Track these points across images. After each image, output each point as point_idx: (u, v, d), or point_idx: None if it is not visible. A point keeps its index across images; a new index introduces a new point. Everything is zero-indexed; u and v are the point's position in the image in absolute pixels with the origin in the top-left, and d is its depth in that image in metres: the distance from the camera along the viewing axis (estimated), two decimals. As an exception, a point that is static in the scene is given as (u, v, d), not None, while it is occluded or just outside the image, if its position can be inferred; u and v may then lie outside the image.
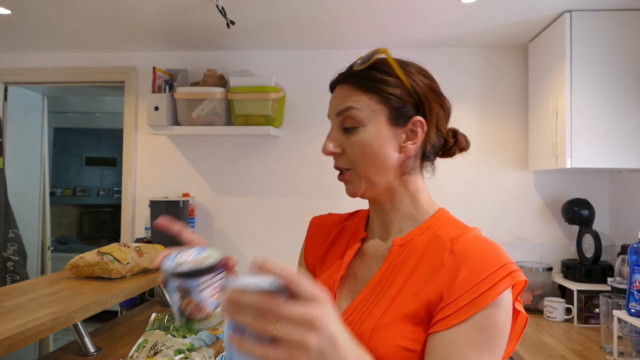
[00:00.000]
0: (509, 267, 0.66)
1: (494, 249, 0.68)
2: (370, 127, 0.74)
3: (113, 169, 6.14)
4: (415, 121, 0.76)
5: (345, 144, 0.76)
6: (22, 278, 2.51)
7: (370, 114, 0.74)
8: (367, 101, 0.75)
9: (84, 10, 1.98)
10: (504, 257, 0.67)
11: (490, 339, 0.63)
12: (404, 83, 0.75)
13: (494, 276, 0.65)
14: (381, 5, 1.88)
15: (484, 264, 0.66)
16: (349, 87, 0.77)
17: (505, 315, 0.65)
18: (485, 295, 0.64)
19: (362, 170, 0.75)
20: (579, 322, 1.97)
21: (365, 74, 0.76)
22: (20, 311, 1.21)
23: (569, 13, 1.91)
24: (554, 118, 2.00)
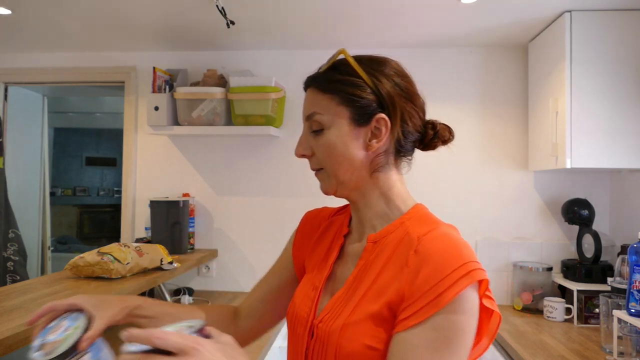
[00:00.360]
0: (468, 265, 0.65)
1: (455, 248, 0.67)
2: (333, 129, 0.77)
3: (113, 169, 6.14)
4: (378, 119, 0.76)
5: (314, 146, 0.79)
6: (22, 278, 2.51)
7: (332, 115, 0.77)
8: (329, 103, 0.77)
9: (84, 10, 1.98)
10: (465, 256, 0.66)
11: (449, 339, 0.63)
12: (365, 82, 0.76)
13: (452, 276, 0.64)
14: (381, 6, 1.88)
15: (443, 263, 0.66)
16: (314, 90, 0.80)
17: (466, 315, 0.65)
18: (443, 296, 0.64)
19: (332, 170, 0.78)
20: (579, 322, 1.97)
21: (327, 76, 0.79)
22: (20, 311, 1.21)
23: (569, 13, 1.91)
24: (554, 118, 2.00)
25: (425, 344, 0.63)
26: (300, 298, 0.81)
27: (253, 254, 2.49)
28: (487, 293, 0.68)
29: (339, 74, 0.77)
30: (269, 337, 1.85)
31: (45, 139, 3.27)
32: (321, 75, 0.80)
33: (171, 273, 1.88)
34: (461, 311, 0.64)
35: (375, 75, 0.77)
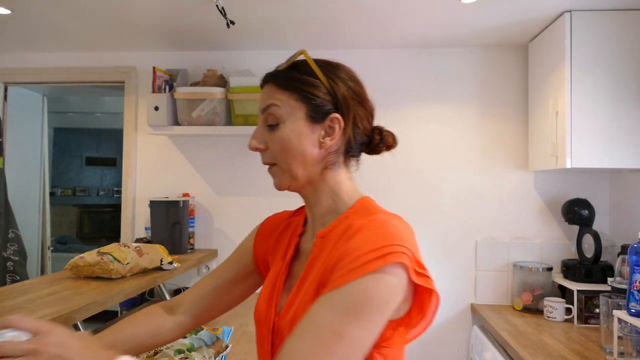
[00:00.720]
0: (387, 248, 0.66)
1: (382, 230, 0.69)
2: (289, 123, 0.79)
3: (113, 169, 6.14)
4: (332, 118, 0.80)
5: (268, 140, 0.81)
6: (22, 278, 2.51)
7: (289, 110, 0.79)
8: (287, 99, 0.80)
9: (84, 10, 1.98)
10: (389, 238, 0.68)
11: (355, 305, 0.64)
12: (322, 82, 0.80)
13: (368, 255, 0.66)
14: (381, 5, 1.88)
15: (363, 243, 0.68)
16: (272, 86, 0.82)
17: (380, 290, 0.65)
18: (355, 271, 0.66)
19: (285, 164, 0.80)
20: (579, 322, 1.97)
21: (286, 74, 0.82)
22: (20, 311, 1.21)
23: (569, 13, 1.91)
24: (554, 118, 2.00)
25: (330, 306, 0.65)
26: (263, 299, 0.84)
27: (253, 254, 2.48)
28: (421, 271, 0.69)
29: (298, 73, 0.80)
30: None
31: (45, 139, 3.27)
32: (280, 72, 0.82)
33: (171, 273, 1.88)
34: (374, 286, 0.65)
35: (332, 77, 0.81)
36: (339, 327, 0.63)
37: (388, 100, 2.42)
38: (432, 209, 2.38)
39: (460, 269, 2.37)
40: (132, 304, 2.31)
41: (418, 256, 0.70)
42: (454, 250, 2.38)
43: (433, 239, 2.38)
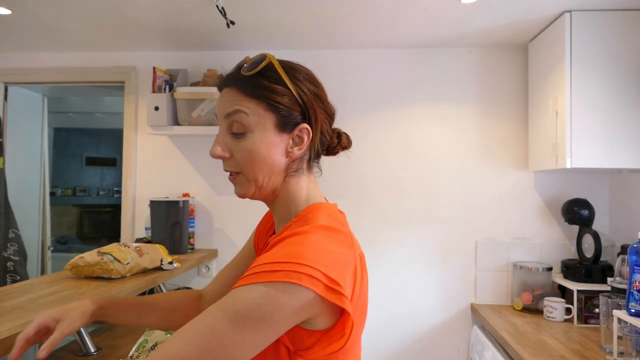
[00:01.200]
0: (295, 266, 0.64)
1: (299, 248, 0.67)
2: (257, 133, 0.77)
3: (113, 169, 6.14)
4: (302, 128, 0.79)
5: (234, 149, 0.78)
6: (22, 278, 2.51)
7: (257, 120, 0.77)
8: (255, 108, 0.77)
9: (84, 10, 1.98)
10: (299, 258, 0.65)
11: (235, 308, 0.64)
12: (291, 91, 0.78)
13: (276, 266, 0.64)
14: (381, 5, 1.88)
15: (279, 253, 0.67)
16: (237, 91, 0.78)
17: (265, 302, 0.63)
18: (249, 277, 0.65)
19: (251, 175, 0.78)
20: (579, 322, 1.97)
21: (253, 81, 0.78)
22: (20, 311, 1.21)
23: (569, 13, 1.91)
24: (554, 118, 2.00)
25: (217, 304, 0.65)
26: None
27: (253, 254, 2.48)
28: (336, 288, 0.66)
29: (266, 81, 0.77)
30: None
31: (45, 139, 3.27)
32: (247, 79, 0.78)
33: (171, 273, 1.88)
34: (256, 297, 0.63)
35: (298, 84, 0.79)
36: (214, 323, 0.63)
37: (388, 100, 2.42)
38: (432, 209, 2.38)
39: (460, 269, 2.37)
40: (132, 304, 2.30)
41: (335, 274, 0.66)
42: (454, 250, 2.38)
43: (433, 239, 2.38)
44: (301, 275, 0.64)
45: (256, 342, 0.64)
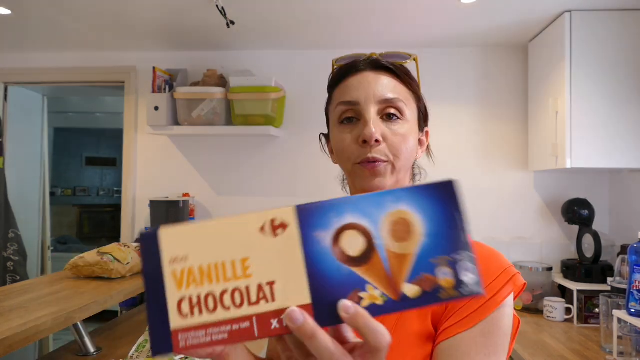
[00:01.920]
0: (510, 271, 0.66)
1: (493, 254, 0.68)
2: (411, 123, 0.72)
3: (113, 169, 6.14)
4: (427, 131, 0.78)
5: (387, 133, 0.70)
6: (22, 278, 2.51)
7: (411, 111, 0.73)
8: (409, 97, 0.73)
9: (84, 10, 1.98)
10: (504, 262, 0.67)
11: (497, 344, 0.63)
12: (420, 92, 0.77)
13: (498, 282, 0.64)
14: (381, 6, 1.88)
15: (486, 270, 0.64)
16: (391, 77, 0.73)
17: (509, 319, 0.65)
18: (491, 302, 0.63)
19: (400, 162, 0.70)
20: (579, 322, 1.97)
21: (406, 72, 0.74)
22: (20, 311, 1.21)
23: (569, 13, 1.91)
24: (554, 118, 2.00)
25: (475, 349, 0.61)
26: None
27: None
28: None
29: (412, 74, 0.75)
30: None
31: (45, 139, 3.27)
32: (402, 68, 0.74)
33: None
34: (506, 315, 0.64)
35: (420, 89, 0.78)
36: None
37: (388, 100, 2.42)
38: (432, 209, 2.37)
39: (460, 269, 2.37)
40: (132, 304, 2.31)
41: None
42: (454, 250, 2.37)
43: (433, 239, 2.38)
44: (520, 277, 0.68)
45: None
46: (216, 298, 0.37)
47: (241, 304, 0.37)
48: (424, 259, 0.38)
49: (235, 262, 0.38)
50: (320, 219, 0.38)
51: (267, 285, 0.37)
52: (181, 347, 0.37)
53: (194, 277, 0.38)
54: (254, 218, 0.38)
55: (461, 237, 0.39)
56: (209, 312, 0.37)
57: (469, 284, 0.37)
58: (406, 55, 0.77)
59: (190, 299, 0.37)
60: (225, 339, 0.37)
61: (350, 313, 0.37)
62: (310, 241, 0.38)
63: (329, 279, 0.37)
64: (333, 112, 0.75)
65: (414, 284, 0.37)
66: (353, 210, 0.38)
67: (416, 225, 0.38)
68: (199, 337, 0.37)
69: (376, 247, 0.38)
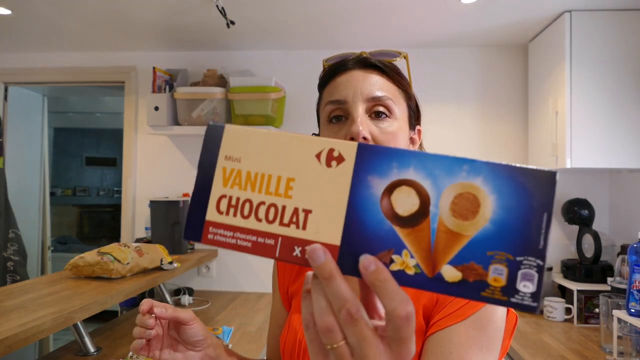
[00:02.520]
0: None
1: None
2: (401, 121, 0.72)
3: (113, 169, 6.14)
4: (418, 129, 0.77)
5: (375, 132, 0.69)
6: (22, 278, 2.51)
7: (400, 109, 0.72)
8: (397, 95, 0.73)
9: (84, 10, 1.98)
10: None
11: (489, 338, 0.63)
12: (411, 90, 0.76)
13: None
14: (381, 6, 1.88)
15: None
16: (380, 75, 0.72)
17: (502, 314, 0.65)
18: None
19: None
20: (578, 322, 1.97)
21: (395, 69, 0.74)
22: (20, 311, 1.21)
23: (569, 13, 1.91)
24: (554, 118, 2.00)
25: (467, 341, 0.61)
26: (299, 326, 0.75)
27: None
28: None
29: (402, 72, 0.75)
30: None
31: (45, 139, 3.27)
32: (391, 66, 0.74)
33: (171, 273, 1.88)
34: (498, 311, 0.64)
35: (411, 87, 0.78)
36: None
37: (388, 100, 2.42)
38: (432, 209, 2.37)
39: (460, 269, 2.37)
40: (132, 304, 2.31)
41: None
42: (454, 250, 2.37)
43: (433, 239, 2.38)
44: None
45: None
46: (253, 206, 0.37)
47: (273, 221, 0.37)
48: (480, 247, 0.33)
49: (281, 179, 0.37)
50: (381, 164, 0.35)
51: (302, 212, 0.36)
52: (209, 239, 0.38)
53: (240, 180, 0.38)
54: (315, 142, 0.37)
55: (538, 241, 0.32)
56: (243, 217, 0.38)
57: (523, 294, 0.32)
58: (395, 53, 0.76)
59: (230, 199, 0.38)
60: (248, 247, 0.37)
61: (369, 270, 0.34)
62: (362, 184, 0.35)
63: (366, 229, 0.35)
64: (322, 111, 0.75)
65: (457, 269, 0.33)
66: (419, 167, 0.35)
67: (486, 207, 0.33)
68: (226, 236, 0.38)
69: (430, 215, 0.34)
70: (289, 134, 0.38)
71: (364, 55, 0.75)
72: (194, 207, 0.39)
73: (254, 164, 0.38)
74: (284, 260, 0.37)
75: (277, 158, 0.37)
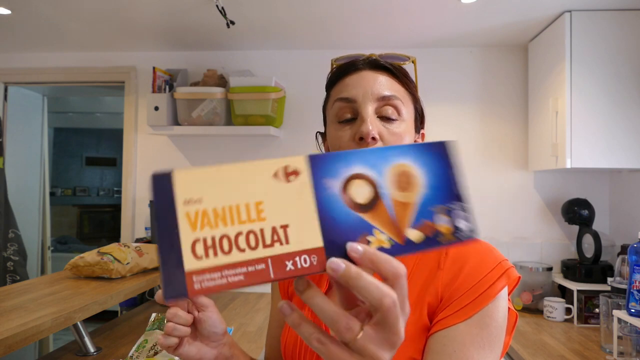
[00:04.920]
0: (504, 264, 0.67)
1: (487, 247, 0.70)
2: (408, 123, 0.72)
3: (113, 169, 6.14)
4: (422, 133, 0.78)
5: (383, 132, 0.70)
6: (22, 278, 2.51)
7: (408, 111, 0.73)
8: (406, 97, 0.74)
9: (84, 10, 1.98)
10: (498, 255, 0.68)
11: (491, 336, 0.64)
12: (417, 94, 0.77)
13: (492, 275, 0.66)
14: (381, 6, 1.88)
15: (481, 263, 0.67)
16: (390, 77, 0.73)
17: (504, 311, 0.66)
18: (485, 295, 0.64)
19: None
20: (579, 322, 1.97)
21: (404, 72, 0.75)
22: (20, 311, 1.21)
23: (569, 13, 1.91)
24: (554, 118, 2.00)
25: (471, 341, 0.63)
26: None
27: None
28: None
29: (409, 75, 0.75)
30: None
31: (45, 139, 3.26)
32: (399, 68, 0.74)
33: (171, 273, 1.87)
34: (500, 308, 0.65)
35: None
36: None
37: (388, 100, 2.42)
38: (432, 209, 2.37)
39: (460, 269, 2.37)
40: (132, 304, 2.31)
41: None
42: (454, 250, 2.37)
43: (433, 239, 2.38)
44: (515, 270, 0.69)
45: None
46: (231, 240, 0.37)
47: (256, 246, 0.37)
48: (425, 207, 0.41)
49: (249, 205, 0.38)
50: (330, 167, 0.40)
51: (280, 228, 0.38)
52: (196, 290, 0.36)
53: (208, 219, 0.38)
54: (267, 164, 0.39)
55: (455, 189, 0.41)
56: (224, 253, 0.37)
57: (464, 230, 0.41)
58: (404, 57, 0.78)
59: (204, 241, 0.37)
60: (241, 281, 0.37)
61: (359, 252, 0.38)
62: (321, 187, 0.39)
63: (339, 224, 0.39)
64: (330, 110, 0.75)
65: (417, 230, 0.40)
66: (360, 162, 0.40)
67: (417, 177, 0.41)
68: (215, 278, 0.36)
69: (381, 196, 0.40)
70: (239, 163, 0.39)
71: (374, 57, 0.75)
72: (167, 264, 0.36)
73: (217, 199, 0.38)
74: (280, 279, 0.38)
75: (238, 188, 0.39)
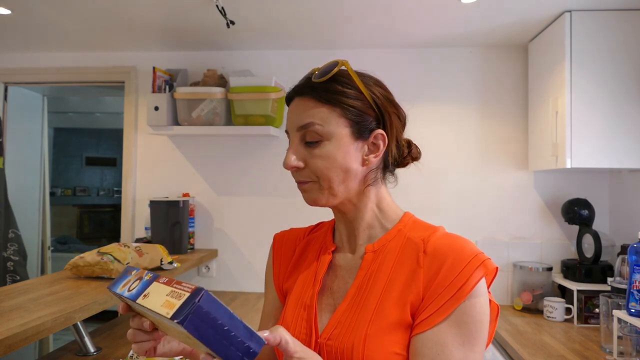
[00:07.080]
0: (480, 257, 0.69)
1: (463, 242, 0.71)
2: (333, 142, 0.75)
3: (113, 169, 6.14)
4: (377, 134, 0.77)
5: (308, 158, 0.76)
6: (22, 278, 2.51)
7: (333, 127, 0.74)
8: (329, 115, 0.75)
9: (84, 10, 1.98)
10: (474, 249, 0.70)
11: (472, 332, 0.66)
12: (364, 95, 0.76)
13: (468, 268, 0.67)
14: (381, 5, 1.88)
15: (458, 258, 0.69)
16: (309, 100, 0.76)
17: (481, 306, 0.68)
18: (463, 289, 0.66)
19: (326, 182, 0.75)
20: (578, 322, 1.97)
21: (326, 87, 0.76)
22: (20, 311, 1.21)
23: (569, 13, 1.91)
24: (554, 118, 2.00)
25: (451, 340, 0.65)
26: (296, 320, 0.78)
27: (253, 253, 2.49)
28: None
29: (340, 85, 0.75)
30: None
31: (45, 139, 3.26)
32: (320, 85, 0.76)
33: (171, 273, 1.88)
34: (480, 300, 0.67)
35: (370, 88, 0.77)
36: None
37: (388, 100, 2.42)
38: (431, 209, 2.37)
39: (460, 269, 2.37)
40: (132, 304, 2.30)
41: None
42: (454, 250, 2.37)
43: (433, 239, 2.38)
44: (491, 262, 0.72)
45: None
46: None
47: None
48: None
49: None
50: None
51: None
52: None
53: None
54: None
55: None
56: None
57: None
58: (333, 64, 0.78)
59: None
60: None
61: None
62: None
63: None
64: None
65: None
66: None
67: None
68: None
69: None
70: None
71: (301, 82, 0.80)
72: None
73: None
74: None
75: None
